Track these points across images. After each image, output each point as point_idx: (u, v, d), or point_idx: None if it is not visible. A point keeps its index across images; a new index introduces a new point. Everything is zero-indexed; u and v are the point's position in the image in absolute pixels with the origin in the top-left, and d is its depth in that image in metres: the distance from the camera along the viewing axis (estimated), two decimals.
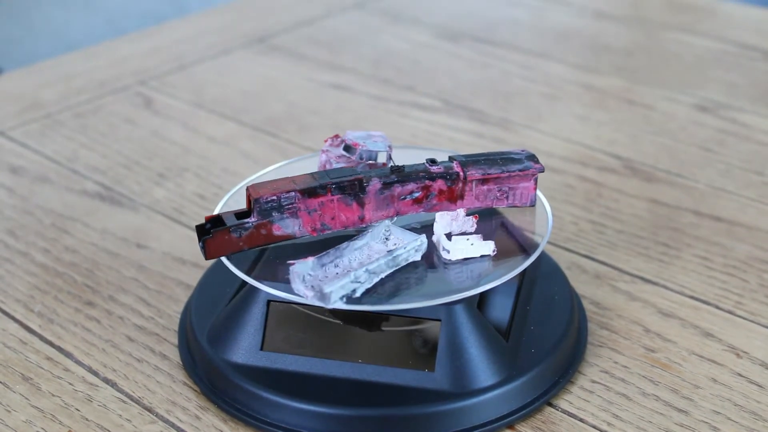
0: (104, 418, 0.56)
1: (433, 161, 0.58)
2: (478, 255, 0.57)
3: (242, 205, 0.57)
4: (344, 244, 0.56)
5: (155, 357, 0.61)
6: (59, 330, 0.63)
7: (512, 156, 0.59)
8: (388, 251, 0.56)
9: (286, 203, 0.55)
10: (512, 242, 0.60)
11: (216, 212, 0.59)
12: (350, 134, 0.62)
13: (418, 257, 0.56)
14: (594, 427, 0.55)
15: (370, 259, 0.56)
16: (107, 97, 0.96)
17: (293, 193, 0.55)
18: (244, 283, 0.58)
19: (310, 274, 0.54)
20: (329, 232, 0.57)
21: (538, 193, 0.62)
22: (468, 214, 0.59)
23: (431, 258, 0.57)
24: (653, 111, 0.91)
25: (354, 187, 0.56)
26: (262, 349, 0.55)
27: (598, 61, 1.02)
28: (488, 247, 0.57)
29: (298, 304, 0.56)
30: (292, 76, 1.01)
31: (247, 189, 0.55)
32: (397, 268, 0.55)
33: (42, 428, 0.55)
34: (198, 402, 0.57)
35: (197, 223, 0.57)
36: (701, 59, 1.02)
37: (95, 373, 0.59)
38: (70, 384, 0.59)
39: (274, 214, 0.55)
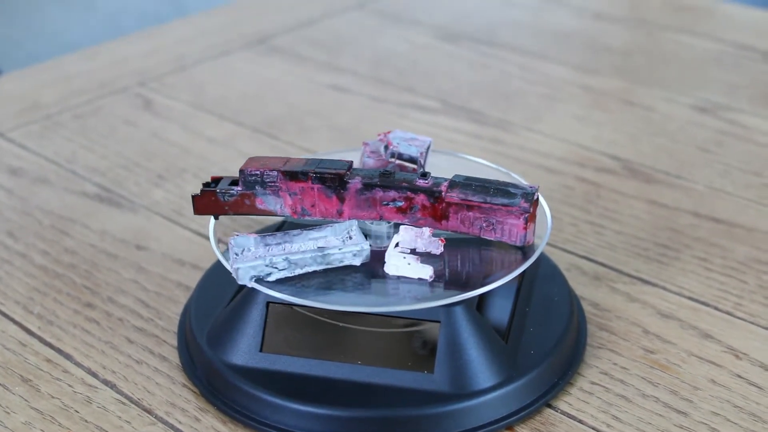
0: (103, 420, 0.56)
1: (424, 175, 0.57)
2: (415, 277, 0.55)
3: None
4: (298, 231, 0.56)
5: (155, 358, 0.61)
6: (58, 332, 0.63)
7: (509, 189, 0.56)
8: (319, 248, 0.55)
9: (268, 180, 0.58)
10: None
11: (211, 229, 0.60)
12: (395, 133, 0.61)
13: (356, 262, 0.55)
14: (593, 428, 0.55)
15: (354, 244, 0.55)
16: (107, 98, 0.96)
17: (276, 173, 0.57)
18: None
19: (249, 249, 0.55)
20: (310, 218, 0.58)
21: (537, 192, 0.62)
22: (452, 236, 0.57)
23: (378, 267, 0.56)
24: (652, 112, 0.91)
25: (334, 181, 0.57)
26: (261, 350, 0.55)
27: (598, 62, 1.02)
28: (426, 272, 0.55)
29: (298, 306, 0.56)
30: (292, 77, 1.01)
31: (247, 160, 0.58)
32: (328, 266, 0.55)
33: (41, 430, 0.55)
34: (197, 403, 0.57)
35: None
36: (700, 60, 1.02)
37: (94, 375, 0.59)
38: (70, 386, 0.59)
39: (257, 187, 0.58)
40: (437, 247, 0.56)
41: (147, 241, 0.72)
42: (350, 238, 0.56)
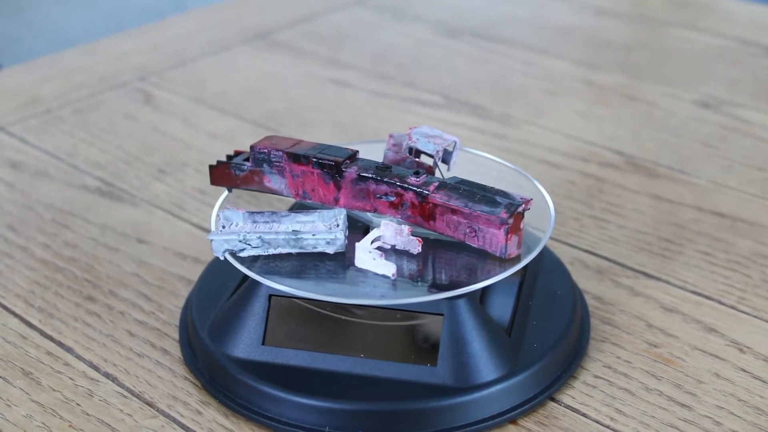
0: (105, 413, 0.56)
1: (417, 173, 0.57)
2: (379, 272, 0.55)
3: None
4: (286, 213, 0.57)
5: (156, 352, 0.60)
6: (59, 325, 0.63)
7: (497, 197, 0.55)
8: (293, 231, 0.55)
9: (274, 159, 0.59)
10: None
11: (215, 210, 0.60)
12: (420, 129, 0.61)
13: (329, 250, 0.55)
14: (597, 421, 0.55)
15: (328, 230, 0.56)
16: (107, 92, 0.96)
17: (281, 153, 0.58)
18: (246, 277, 0.57)
19: (237, 224, 0.56)
20: (312, 202, 0.59)
21: (540, 187, 0.62)
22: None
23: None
24: (655, 107, 0.91)
25: (332, 168, 0.57)
26: (263, 343, 0.55)
27: (600, 58, 1.02)
28: (389, 269, 0.54)
29: (300, 299, 0.56)
30: (293, 71, 1.01)
31: (263, 138, 0.60)
32: (301, 251, 0.55)
33: (42, 423, 0.55)
34: (199, 397, 0.57)
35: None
36: (702, 55, 1.02)
37: (96, 368, 0.59)
38: (71, 379, 0.58)
39: (264, 165, 0.59)
40: (415, 247, 0.56)
41: (148, 235, 0.72)
42: (337, 225, 0.56)
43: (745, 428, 0.54)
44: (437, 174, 0.61)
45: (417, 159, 0.60)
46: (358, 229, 0.59)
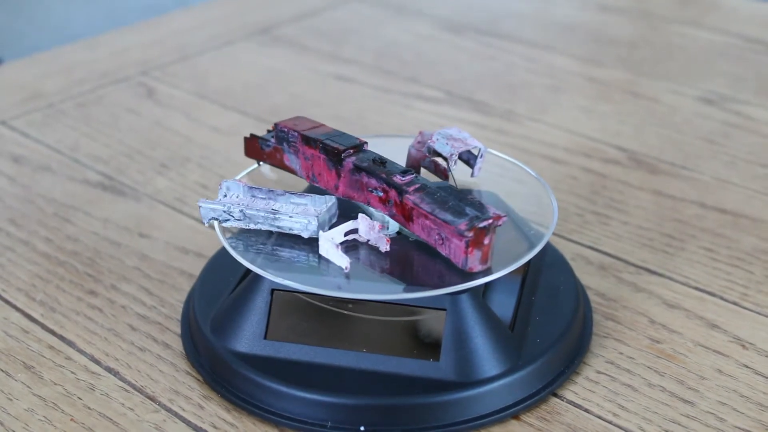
0: (106, 407, 0.56)
1: (405, 172, 0.56)
2: (336, 263, 0.54)
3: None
4: (282, 191, 0.58)
5: (158, 346, 0.60)
6: (61, 319, 0.63)
7: (467, 208, 0.53)
8: (272, 209, 0.57)
9: (291, 139, 0.60)
10: (517, 232, 0.60)
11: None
12: (446, 130, 0.60)
13: (303, 234, 0.56)
14: (599, 417, 0.54)
15: (306, 214, 0.56)
16: (109, 87, 0.96)
17: (296, 134, 0.59)
18: (248, 271, 0.57)
19: (237, 195, 0.58)
20: (318, 185, 0.60)
21: (543, 183, 0.61)
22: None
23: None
24: (658, 103, 0.91)
25: (333, 155, 0.58)
26: (265, 338, 0.55)
27: (603, 54, 1.02)
28: (343, 262, 0.54)
29: (303, 293, 0.56)
30: (295, 67, 1.00)
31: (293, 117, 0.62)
32: (277, 230, 0.56)
33: (44, 416, 0.55)
34: (201, 391, 0.57)
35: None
36: (706, 52, 1.02)
37: (97, 362, 0.59)
38: (72, 373, 0.58)
39: (284, 144, 0.60)
40: (383, 245, 0.56)
41: (150, 230, 0.72)
42: (320, 212, 0.57)
43: (748, 424, 0.54)
44: (450, 178, 0.60)
45: (435, 159, 0.60)
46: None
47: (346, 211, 0.58)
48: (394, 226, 0.57)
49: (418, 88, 0.95)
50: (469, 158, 0.61)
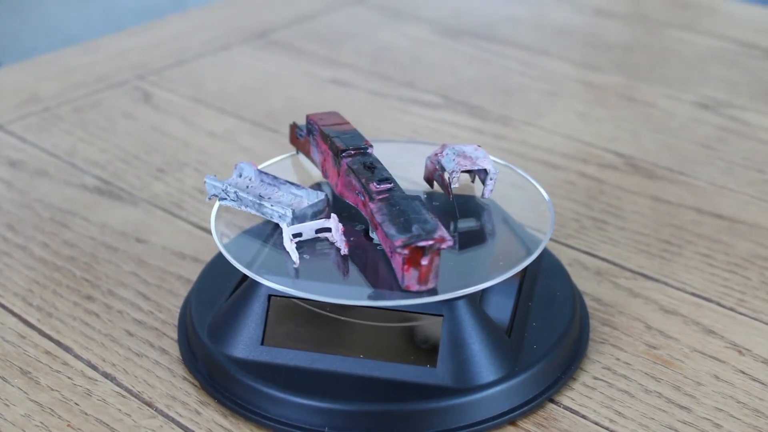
0: (103, 413, 0.56)
1: (383, 180, 0.55)
2: (291, 257, 0.55)
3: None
4: (284, 181, 0.59)
5: (155, 351, 0.60)
6: (58, 324, 0.63)
7: (413, 226, 0.51)
8: (260, 195, 0.58)
9: (314, 132, 0.62)
10: (514, 238, 0.60)
11: (215, 207, 0.61)
12: (465, 147, 0.60)
13: (280, 223, 0.57)
14: (596, 423, 0.54)
15: (288, 206, 0.57)
16: (106, 91, 0.96)
17: (317, 127, 0.61)
18: (245, 277, 0.57)
19: (249, 178, 0.59)
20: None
21: (539, 188, 0.62)
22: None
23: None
24: (654, 108, 0.91)
25: (335, 153, 0.59)
26: (262, 343, 0.55)
27: (599, 58, 1.02)
28: (294, 257, 0.54)
29: (299, 299, 0.56)
30: (292, 71, 1.00)
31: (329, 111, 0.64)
32: (262, 216, 0.58)
33: (41, 422, 0.55)
34: (198, 397, 0.57)
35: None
36: (702, 57, 1.02)
37: (94, 368, 0.59)
38: (69, 378, 0.58)
39: (310, 137, 0.62)
40: (343, 247, 0.56)
41: (147, 234, 0.72)
42: (304, 205, 0.58)
43: (744, 430, 0.54)
44: (452, 195, 0.60)
45: (442, 174, 0.60)
46: (358, 220, 0.58)
47: (346, 211, 0.59)
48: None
49: (414, 93, 0.95)
50: (484, 177, 0.61)
